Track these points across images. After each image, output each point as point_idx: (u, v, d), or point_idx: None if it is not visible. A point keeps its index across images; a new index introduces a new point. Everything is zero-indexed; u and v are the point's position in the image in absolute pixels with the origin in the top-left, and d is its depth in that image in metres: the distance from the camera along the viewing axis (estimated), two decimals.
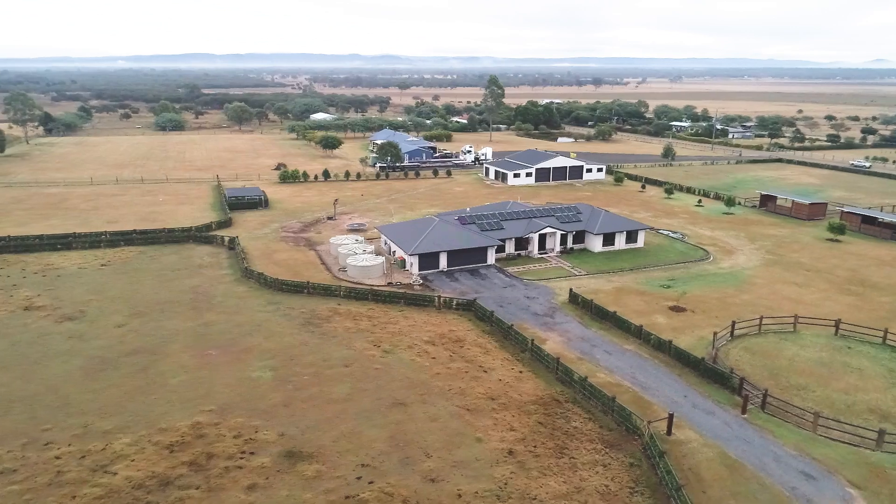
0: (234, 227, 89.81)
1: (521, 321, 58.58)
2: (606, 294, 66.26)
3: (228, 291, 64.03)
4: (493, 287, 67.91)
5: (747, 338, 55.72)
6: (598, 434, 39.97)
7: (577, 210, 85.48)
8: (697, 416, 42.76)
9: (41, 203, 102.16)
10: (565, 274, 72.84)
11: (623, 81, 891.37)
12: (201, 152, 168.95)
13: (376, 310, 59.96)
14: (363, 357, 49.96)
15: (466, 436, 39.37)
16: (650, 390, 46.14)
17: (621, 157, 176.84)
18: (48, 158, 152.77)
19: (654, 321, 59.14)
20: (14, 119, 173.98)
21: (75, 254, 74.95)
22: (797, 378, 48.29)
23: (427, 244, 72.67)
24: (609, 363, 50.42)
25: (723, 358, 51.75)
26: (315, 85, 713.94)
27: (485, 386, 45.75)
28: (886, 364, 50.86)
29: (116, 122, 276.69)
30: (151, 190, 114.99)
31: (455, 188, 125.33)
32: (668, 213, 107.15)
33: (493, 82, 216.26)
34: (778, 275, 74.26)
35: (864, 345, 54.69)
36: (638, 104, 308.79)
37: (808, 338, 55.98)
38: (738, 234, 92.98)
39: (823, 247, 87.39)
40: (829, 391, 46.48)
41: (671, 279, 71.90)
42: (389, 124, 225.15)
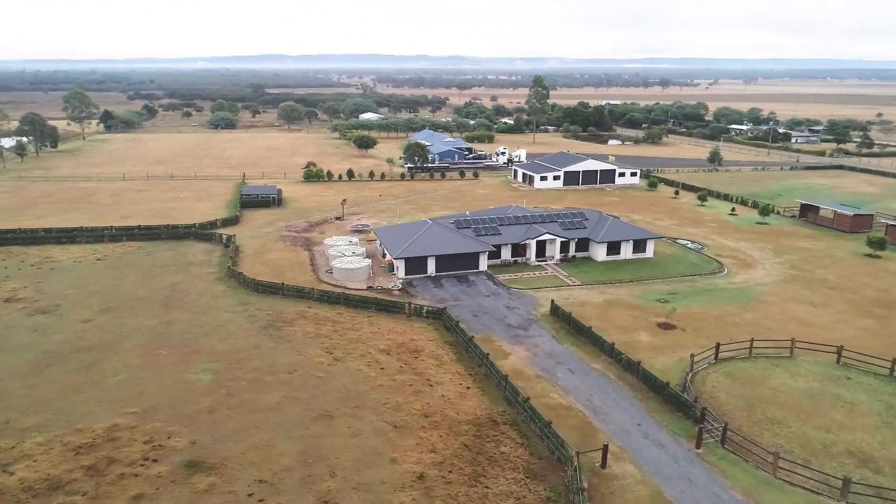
0: (240, 225, 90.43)
1: (491, 333, 55.66)
2: (594, 307, 62.33)
3: (205, 290, 63.96)
4: (475, 295, 65.14)
5: (734, 362, 50.89)
6: (525, 462, 36.85)
7: (582, 216, 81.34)
8: (645, 448, 38.89)
9: (69, 197, 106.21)
10: (558, 283, 69.16)
11: (693, 83, 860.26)
12: (241, 150, 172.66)
13: (345, 314, 58.35)
14: (310, 364, 48.40)
15: (382, 455, 37.09)
16: (602, 415, 42.47)
17: (665, 161, 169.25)
18: (95, 154, 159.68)
19: (637, 339, 54.99)
20: (72, 116, 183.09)
21: (77, 248, 77.02)
22: (775, 411, 43.47)
23: (415, 248, 70.56)
24: (568, 383, 46.92)
25: (698, 383, 47.34)
26: (378, 85, 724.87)
27: (424, 401, 43.28)
28: (886, 400, 45.19)
29: (177, 119, 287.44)
30: (177, 187, 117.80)
31: (478, 190, 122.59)
32: (696, 221, 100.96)
33: (538, 83, 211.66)
34: (794, 292, 68.11)
35: (867, 376, 48.93)
36: (697, 106, 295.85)
37: (804, 365, 50.61)
38: (764, 247, 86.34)
39: (858, 263, 79.86)
40: (807, 427, 41.54)
41: (672, 293, 67.05)
42: (431, 124, 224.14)
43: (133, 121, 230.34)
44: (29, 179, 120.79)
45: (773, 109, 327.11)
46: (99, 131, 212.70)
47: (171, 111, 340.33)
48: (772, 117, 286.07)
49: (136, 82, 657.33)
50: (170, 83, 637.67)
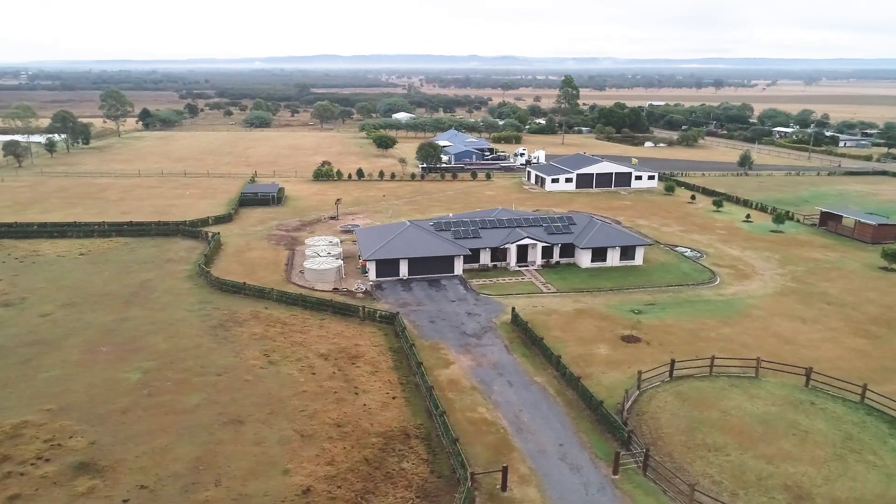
0: (233, 223, 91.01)
1: (442, 340, 53.77)
2: (561, 316, 59.59)
3: (172, 287, 64.21)
4: (441, 300, 63.29)
5: (690, 381, 47.54)
6: (422, 480, 34.94)
7: (570, 221, 78.29)
8: (557, 472, 36.38)
9: (80, 193, 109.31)
10: (532, 290, 66.55)
11: (750, 84, 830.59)
12: (265, 149, 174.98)
13: (298, 317, 57.45)
14: (243, 367, 47.63)
15: (276, 466, 35.82)
16: (525, 433, 40.08)
17: (694, 165, 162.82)
18: (124, 151, 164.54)
19: (594, 352, 52.13)
20: (108, 114, 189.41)
21: (66, 242, 78.80)
22: (718, 436, 40.18)
23: (387, 250, 69.18)
24: (502, 396, 44.65)
25: (643, 403, 44.31)
26: (426, 85, 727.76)
27: (342, 410, 41.84)
28: (846, 429, 41.20)
29: (219, 118, 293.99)
30: (188, 184, 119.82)
31: (486, 192, 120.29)
32: (705, 228, 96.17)
33: (568, 83, 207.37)
34: (786, 306, 63.60)
35: (835, 401, 44.86)
36: (741, 108, 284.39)
37: (767, 387, 46.85)
38: (770, 256, 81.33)
39: (869, 276, 74.22)
40: (747, 456, 38.16)
41: (651, 304, 63.59)
42: (459, 125, 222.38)
43: (171, 119, 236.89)
44: (50, 175, 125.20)
45: (829, 111, 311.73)
46: (137, 129, 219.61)
47: (215, 110, 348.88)
48: (823, 120, 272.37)
49: (192, 82, 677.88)
50: (223, 83, 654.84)
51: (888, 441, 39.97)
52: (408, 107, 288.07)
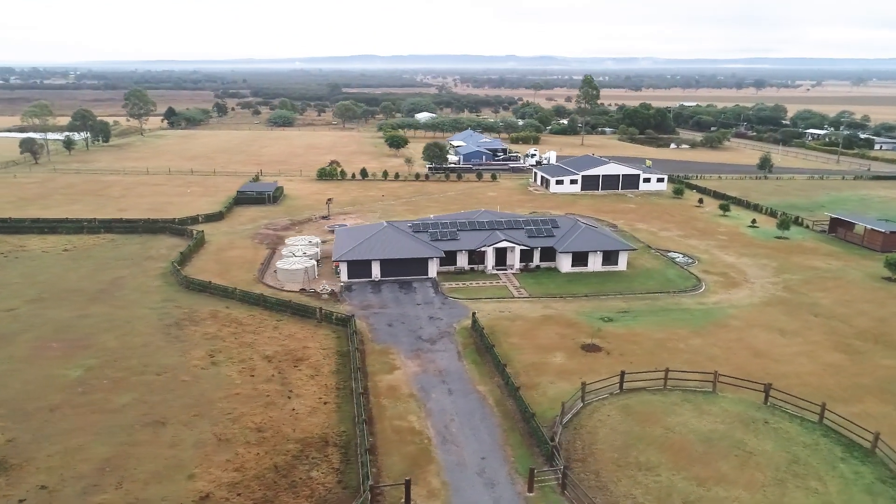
0: (223, 221, 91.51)
1: (395, 345, 52.64)
2: (525, 322, 57.80)
3: (142, 285, 64.59)
4: (407, 303, 62.13)
5: (641, 394, 45.35)
6: (326, 491, 33.86)
7: (553, 224, 76.20)
8: (470, 487, 34.86)
9: (85, 189, 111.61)
10: (503, 295, 64.86)
11: (794, 84, 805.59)
12: (280, 148, 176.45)
13: (257, 317, 57.03)
14: (184, 367, 47.33)
15: (184, 470, 35.21)
16: (449, 445, 38.63)
17: (712, 167, 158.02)
18: (142, 149, 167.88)
19: (549, 361, 50.28)
20: (131, 113, 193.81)
21: (55, 238, 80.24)
22: (654, 454, 38.07)
23: (360, 251, 68.36)
24: (438, 405, 43.25)
25: (584, 417, 42.37)
26: (460, 85, 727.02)
27: (269, 415, 41.08)
28: (795, 451, 38.59)
29: (247, 117, 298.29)
30: (192, 182, 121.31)
31: (488, 193, 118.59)
32: (706, 232, 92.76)
33: (588, 83, 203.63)
34: (769, 317, 60.50)
35: (792, 420, 42.16)
36: (773, 109, 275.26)
37: (723, 402, 44.36)
38: (768, 264, 77.79)
39: (869, 287, 70.26)
40: (679, 478, 36.00)
41: (624, 311, 61.26)
42: (478, 125, 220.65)
43: (197, 118, 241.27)
44: (62, 171, 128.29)
45: (873, 113, 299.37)
46: (162, 127, 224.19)
47: (246, 109, 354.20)
48: (861, 122, 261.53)
49: (230, 82, 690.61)
50: (260, 82, 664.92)
51: (838, 466, 37.27)
52: (431, 107, 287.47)
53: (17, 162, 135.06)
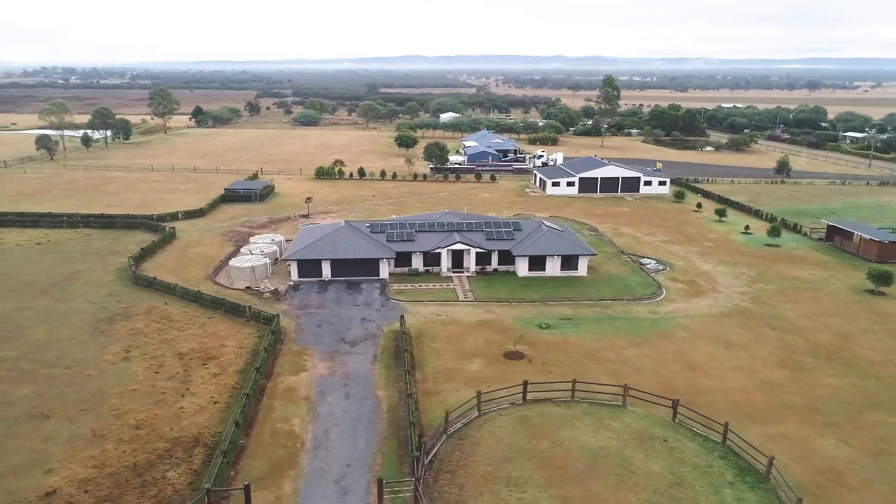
0: (204, 218, 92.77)
1: (314, 346, 52.08)
2: (459, 326, 56.42)
3: (95, 279, 65.91)
4: (346, 303, 61.52)
5: (546, 405, 43.50)
6: (174, 492, 33.37)
7: (515, 226, 74.37)
8: (321, 495, 33.84)
9: (85, 185, 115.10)
10: (449, 298, 63.53)
11: (852, 85, 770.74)
12: (293, 146, 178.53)
13: (190, 314, 57.36)
14: (95, 361, 47.88)
15: (44, 465, 35.39)
16: (319, 450, 37.75)
17: (728, 171, 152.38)
18: (158, 146, 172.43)
19: (465, 367, 48.87)
20: (155, 111, 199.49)
21: (34, 232, 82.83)
22: (529, 470, 36.37)
23: (310, 250, 68.13)
24: (329, 409, 42.43)
25: (475, 426, 40.87)
26: (501, 86, 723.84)
27: (155, 412, 41.08)
28: (683, 473, 36.27)
29: (281, 116, 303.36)
30: (191, 179, 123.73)
31: (482, 195, 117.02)
32: (693, 238, 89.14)
33: (608, 83, 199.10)
34: (721, 329, 57.43)
35: (694, 439, 39.71)
36: (813, 111, 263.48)
37: (628, 417, 42.16)
38: (745, 273, 74.06)
39: (846, 300, 66.03)
40: (545, 496, 34.24)
41: (567, 318, 59.15)
42: (496, 125, 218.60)
43: (225, 117, 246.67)
44: (71, 167, 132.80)
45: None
46: (190, 126, 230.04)
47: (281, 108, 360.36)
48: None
49: (276, 81, 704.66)
50: (304, 82, 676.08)
51: (722, 492, 34.81)
52: (458, 107, 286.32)
53: (34, 157, 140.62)
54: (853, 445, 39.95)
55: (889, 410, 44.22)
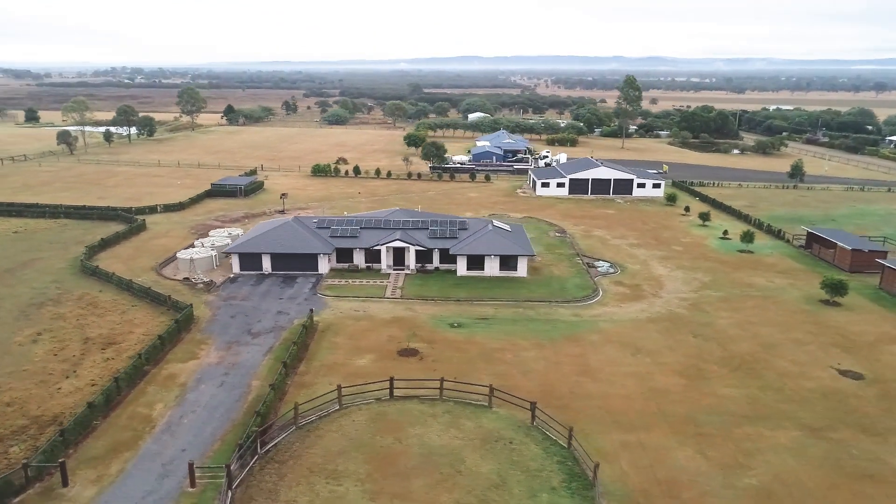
0: (182, 212, 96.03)
1: (218, 336, 53.41)
2: (369, 322, 56.80)
3: (49, 267, 69.41)
4: (272, 297, 62.76)
5: (411, 402, 43.45)
6: (7, 467, 35.29)
7: (461, 225, 74.11)
8: (142, 477, 34.92)
9: (89, 179, 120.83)
10: (375, 295, 63.91)
11: None
12: (309, 144, 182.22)
13: (119, 301, 59.78)
14: (6, 343, 50.57)
15: None
16: (165, 435, 38.84)
17: (739, 174, 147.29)
18: (178, 143, 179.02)
19: (353, 363, 49.24)
20: (184, 109, 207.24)
21: (17, 221, 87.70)
22: (356, 464, 36.56)
23: (252, 244, 69.85)
24: (197, 396, 43.53)
25: (330, 420, 41.25)
26: (551, 86, 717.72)
27: (32, 391, 43.18)
28: (509, 475, 35.71)
29: (316, 115, 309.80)
30: (191, 174, 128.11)
31: (469, 194, 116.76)
32: (663, 242, 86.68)
33: (629, 84, 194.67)
34: (639, 335, 55.85)
35: (540, 443, 38.99)
36: (859, 113, 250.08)
37: (486, 418, 41.73)
38: (699, 279, 71.58)
39: (792, 310, 63.00)
40: (358, 489, 34.41)
41: (483, 318, 58.70)
42: (517, 125, 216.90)
43: (256, 115, 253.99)
44: (85, 162, 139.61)
45: None
46: (221, 123, 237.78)
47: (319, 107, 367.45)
48: None
49: (327, 81, 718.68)
50: (355, 82, 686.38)
51: (539, 496, 34.06)
52: (487, 107, 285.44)
53: (55, 152, 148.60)
54: (710, 457, 38.39)
55: (770, 424, 42.21)
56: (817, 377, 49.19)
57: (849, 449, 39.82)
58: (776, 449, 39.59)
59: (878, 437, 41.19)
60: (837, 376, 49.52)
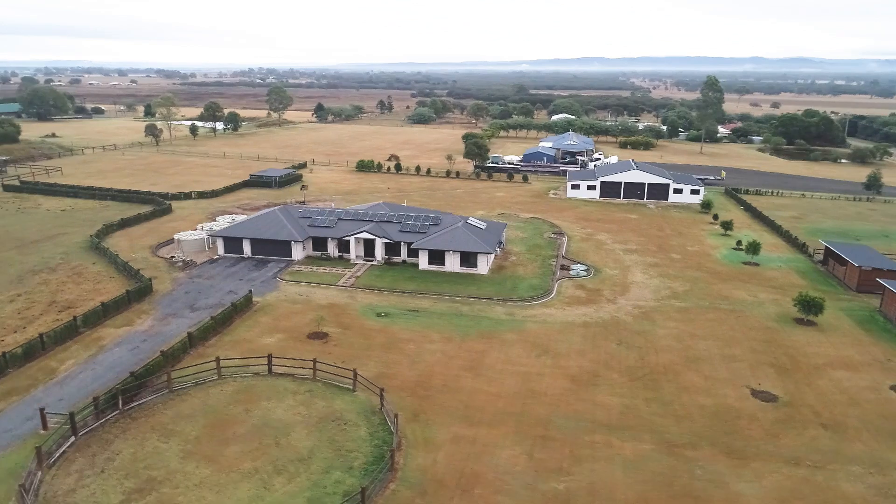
0: (213, 199, 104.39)
1: (158, 308, 58.62)
2: (304, 307, 59.75)
3: (67, 241, 78.54)
4: (235, 278, 67.44)
5: (283, 379, 46.01)
6: None
7: (434, 221, 75.23)
8: (3, 427, 40.30)
9: (154, 167, 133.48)
10: (328, 282, 66.76)
11: None
12: (376, 142, 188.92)
13: (102, 273, 66.86)
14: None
15: None
16: (57, 387, 44.13)
17: (810, 183, 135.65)
18: (255, 138, 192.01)
19: (261, 342, 52.41)
20: (272, 107, 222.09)
21: (70, 201, 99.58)
22: (189, 427, 39.64)
23: (235, 229, 75.28)
24: (105, 357, 48.71)
25: (205, 388, 44.72)
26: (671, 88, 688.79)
27: None
28: (318, 451, 37.42)
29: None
30: (246, 166, 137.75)
31: (496, 194, 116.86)
32: (663, 250, 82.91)
33: (711, 85, 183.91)
34: (559, 338, 54.73)
35: (369, 427, 40.12)
36: None
37: (340, 399, 43.54)
38: (675, 288, 68.29)
39: (754, 327, 58.68)
40: (176, 449, 37.38)
41: (414, 310, 59.90)
42: (591, 126, 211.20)
43: (345, 113, 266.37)
44: (162, 153, 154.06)
45: None
46: (311, 120, 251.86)
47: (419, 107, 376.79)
48: None
49: (440, 82, 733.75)
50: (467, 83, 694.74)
51: (331, 473, 35.27)
52: (575, 108, 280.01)
53: (143, 143, 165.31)
54: (535, 459, 37.73)
55: (626, 436, 40.46)
56: (721, 395, 46.06)
57: (695, 469, 37.48)
58: (612, 459, 38.11)
59: (739, 461, 38.33)
60: (746, 396, 46.09)
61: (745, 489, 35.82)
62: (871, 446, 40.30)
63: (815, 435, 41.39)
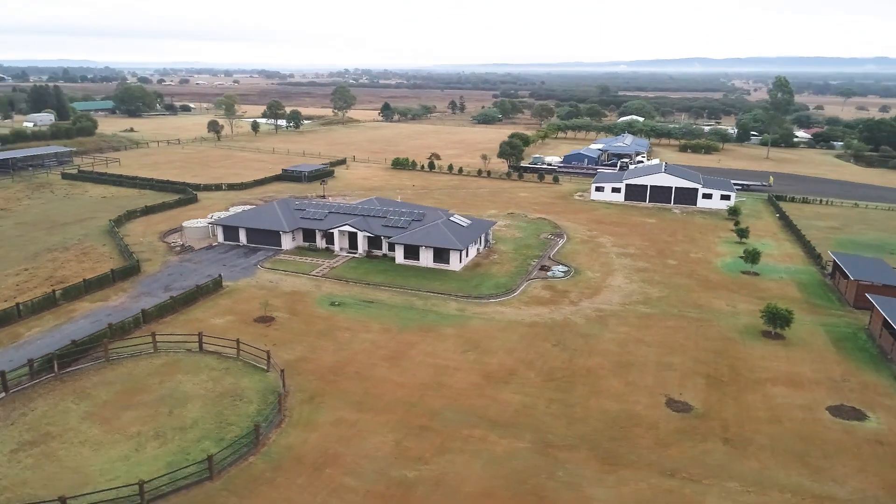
0: (241, 191, 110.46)
1: (136, 287, 63.47)
2: (268, 292, 62.96)
3: (93, 225, 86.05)
4: (220, 264, 71.58)
5: (209, 356, 49.09)
6: None
7: (417, 217, 76.50)
8: None
9: (204, 160, 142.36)
10: (301, 271, 69.63)
11: None
12: (427, 141, 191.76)
13: (106, 254, 73.15)
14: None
15: None
16: (14, 350, 49.31)
17: (877, 193, 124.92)
18: (315, 135, 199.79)
19: (211, 322, 55.95)
20: (336, 106, 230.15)
21: (114, 189, 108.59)
22: (104, 394, 43.37)
23: (234, 219, 79.92)
24: (67, 326, 53.69)
25: (144, 358, 48.59)
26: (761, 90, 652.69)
27: None
28: (202, 424, 39.98)
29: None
30: (290, 161, 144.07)
31: (520, 194, 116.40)
32: (662, 254, 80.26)
33: (780, 86, 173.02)
34: (498, 336, 54.81)
35: (261, 406, 42.19)
36: None
37: (250, 377, 46.04)
38: (648, 293, 66.28)
39: (713, 338, 56.16)
40: (82, 409, 41.10)
41: (369, 301, 61.63)
42: (652, 129, 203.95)
43: (412, 113, 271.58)
44: (220, 147, 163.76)
45: None
46: (377, 119, 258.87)
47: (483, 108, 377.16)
48: None
49: (527, 83, 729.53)
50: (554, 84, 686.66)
51: (202, 443, 37.69)
52: (646, 109, 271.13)
53: (205, 138, 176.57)
54: (402, 447, 38.57)
55: (506, 433, 40.39)
56: (632, 401, 44.73)
57: (558, 470, 36.97)
58: (479, 453, 38.26)
59: (610, 467, 37.42)
60: (659, 405, 44.51)
61: (598, 494, 35.06)
62: (765, 464, 38.09)
63: (708, 448, 39.56)
